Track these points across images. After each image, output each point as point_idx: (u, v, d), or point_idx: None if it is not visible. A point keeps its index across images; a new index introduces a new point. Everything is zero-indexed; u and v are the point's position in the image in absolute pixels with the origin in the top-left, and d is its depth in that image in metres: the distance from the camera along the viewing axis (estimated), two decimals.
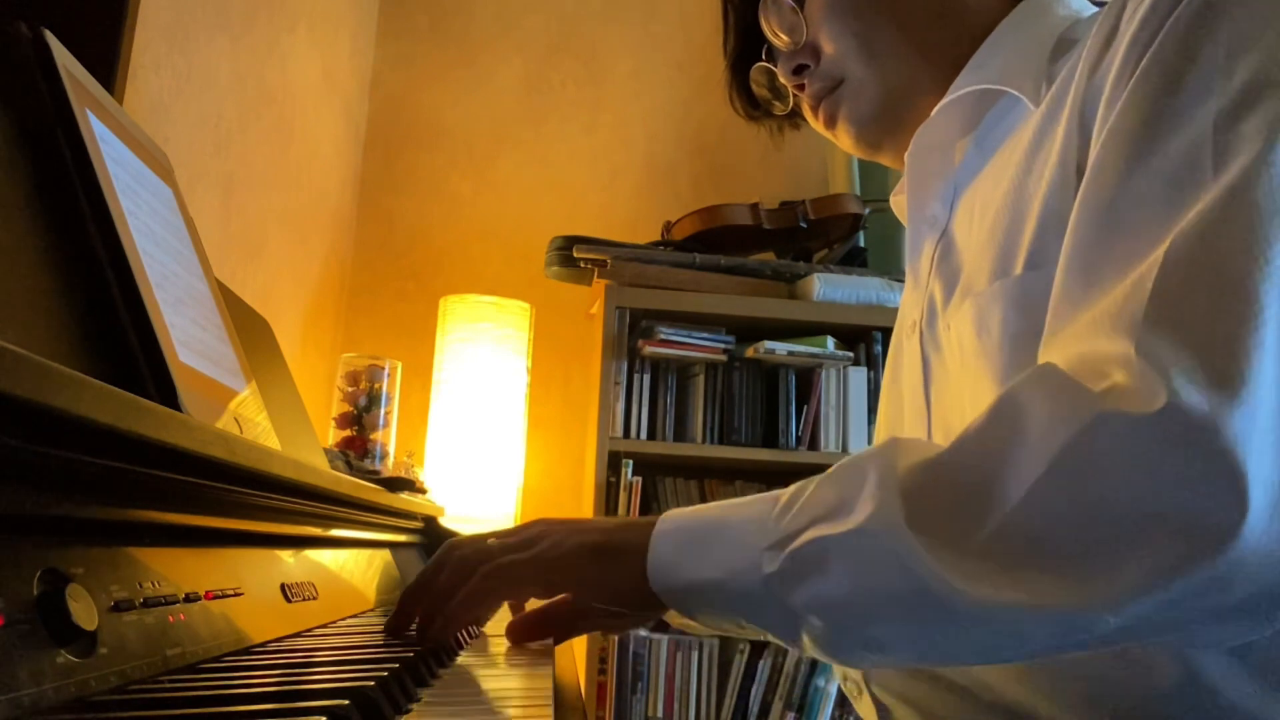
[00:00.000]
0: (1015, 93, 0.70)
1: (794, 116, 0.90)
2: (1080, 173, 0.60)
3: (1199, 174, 0.50)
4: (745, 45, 0.89)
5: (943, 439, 0.72)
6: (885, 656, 0.53)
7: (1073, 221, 0.56)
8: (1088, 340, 0.51)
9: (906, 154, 0.78)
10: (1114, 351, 0.49)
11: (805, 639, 0.54)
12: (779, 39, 0.81)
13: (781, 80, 0.85)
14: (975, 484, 0.50)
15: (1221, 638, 0.52)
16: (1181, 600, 0.45)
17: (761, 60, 0.87)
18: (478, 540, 0.68)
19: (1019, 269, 0.64)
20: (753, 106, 0.92)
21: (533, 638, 0.69)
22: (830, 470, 0.56)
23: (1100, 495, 0.46)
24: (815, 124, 0.85)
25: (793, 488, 0.57)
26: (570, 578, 0.63)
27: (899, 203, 0.86)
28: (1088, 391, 0.48)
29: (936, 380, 0.74)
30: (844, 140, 0.82)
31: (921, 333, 0.76)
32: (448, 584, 0.65)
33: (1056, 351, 0.54)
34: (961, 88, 0.74)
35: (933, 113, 0.75)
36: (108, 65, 1.03)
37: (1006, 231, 0.66)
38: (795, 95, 0.85)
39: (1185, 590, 0.45)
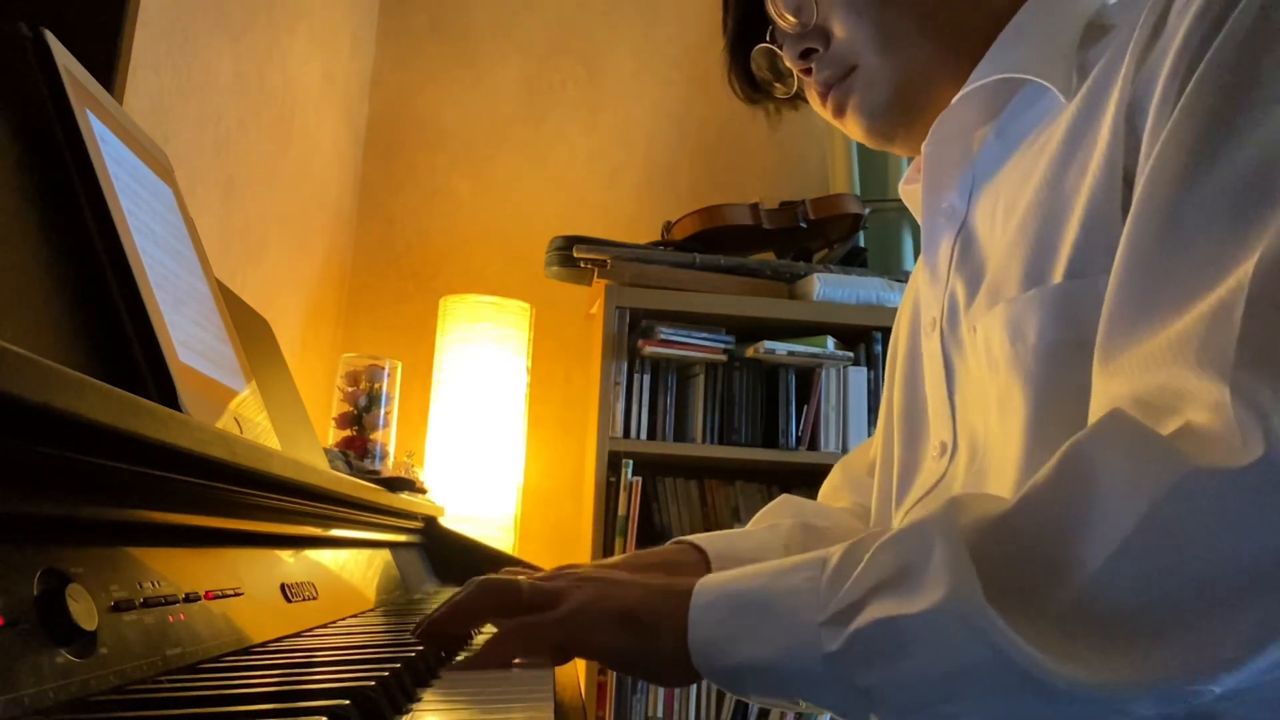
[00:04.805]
0: (1043, 82, 0.66)
1: (795, 99, 0.85)
2: (1128, 177, 0.57)
3: (1272, 189, 0.47)
4: (747, 25, 0.83)
5: (967, 444, 0.70)
6: None
7: (1128, 231, 0.53)
8: (1161, 369, 0.48)
9: (924, 144, 0.74)
10: (1199, 389, 0.46)
11: (874, 718, 0.51)
12: (785, 20, 0.76)
13: (786, 64, 0.80)
14: (1051, 550, 0.47)
15: None
16: None
17: (765, 42, 0.81)
18: (509, 584, 0.62)
19: (1058, 276, 0.60)
20: (753, 89, 0.87)
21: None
22: (887, 535, 0.51)
23: (1196, 559, 0.44)
24: (822, 111, 0.80)
25: (841, 550, 0.53)
26: (596, 648, 0.58)
27: (910, 192, 0.81)
28: (1166, 445, 0.45)
29: (960, 382, 0.71)
30: (853, 130, 0.78)
31: (942, 332, 0.73)
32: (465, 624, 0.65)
33: (1122, 378, 0.51)
34: (984, 76, 0.69)
35: (953, 102, 0.71)
36: (108, 65, 1.03)
37: (1039, 233, 0.62)
38: (800, 79, 0.80)
39: None
